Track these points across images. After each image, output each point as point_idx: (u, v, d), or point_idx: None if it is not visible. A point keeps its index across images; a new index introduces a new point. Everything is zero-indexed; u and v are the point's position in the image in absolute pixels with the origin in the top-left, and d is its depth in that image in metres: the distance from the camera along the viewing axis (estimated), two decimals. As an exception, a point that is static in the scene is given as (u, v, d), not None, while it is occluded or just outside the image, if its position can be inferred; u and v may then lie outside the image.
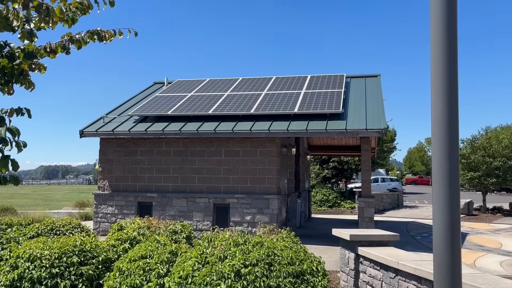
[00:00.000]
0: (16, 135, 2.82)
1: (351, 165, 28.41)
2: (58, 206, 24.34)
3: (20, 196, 33.90)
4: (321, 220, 18.76)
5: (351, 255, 6.87)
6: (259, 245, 6.41)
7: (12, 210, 17.89)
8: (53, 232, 8.73)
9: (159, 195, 12.77)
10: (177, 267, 6.30)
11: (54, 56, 3.61)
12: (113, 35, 3.90)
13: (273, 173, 12.16)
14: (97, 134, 12.96)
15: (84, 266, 6.66)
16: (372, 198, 12.10)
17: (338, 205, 24.74)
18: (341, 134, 11.49)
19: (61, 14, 3.11)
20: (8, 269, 6.56)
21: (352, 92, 14.34)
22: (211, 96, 14.27)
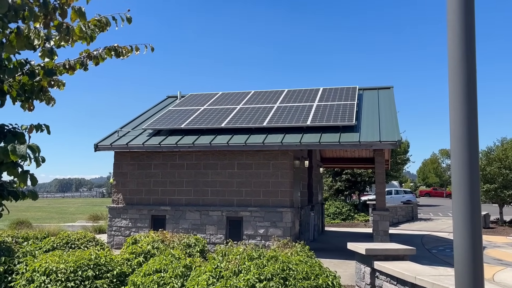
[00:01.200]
0: (36, 152, 2.87)
1: (365, 177, 28.20)
2: (72, 219, 24.52)
3: (35, 209, 34.25)
4: (334, 233, 18.59)
5: (367, 270, 6.79)
6: (273, 260, 6.37)
7: (28, 223, 18.05)
8: (68, 246, 8.78)
9: (173, 208, 12.80)
10: (191, 281, 6.28)
11: (72, 73, 3.68)
12: (130, 51, 3.96)
13: (286, 186, 12.12)
14: (112, 148, 13.09)
15: (99, 280, 6.67)
16: (387, 211, 11.97)
17: (352, 218, 24.52)
18: (354, 147, 11.43)
19: (80, 32, 3.17)
20: (24, 283, 6.60)
21: (365, 104, 14.31)
22: (223, 110, 14.34)
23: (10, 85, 3.49)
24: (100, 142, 13.37)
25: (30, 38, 2.93)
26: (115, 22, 3.52)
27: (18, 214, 25.36)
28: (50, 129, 3.49)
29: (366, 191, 32.74)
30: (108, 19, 3.49)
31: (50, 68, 3.44)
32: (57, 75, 3.65)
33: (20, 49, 3.00)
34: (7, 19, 2.89)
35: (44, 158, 3.34)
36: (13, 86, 3.47)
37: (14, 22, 3.00)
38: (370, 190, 36.39)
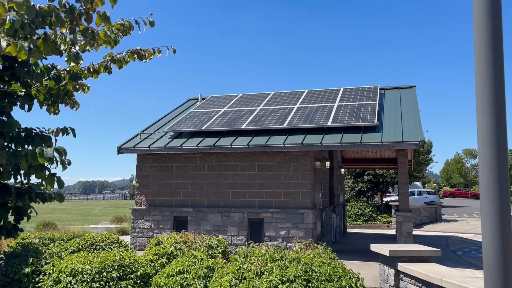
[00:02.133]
0: (63, 154, 2.93)
1: (387, 178, 27.86)
2: (96, 221, 24.94)
3: (60, 211, 34.96)
4: (356, 235, 18.41)
5: (391, 271, 6.70)
6: (296, 261, 6.35)
7: (53, 225, 18.44)
8: (93, 247, 8.93)
9: (194, 209, 12.89)
10: (214, 282, 6.31)
11: (97, 76, 3.75)
12: (152, 54, 4.01)
13: (307, 187, 12.07)
14: (134, 151, 13.27)
15: (123, 281, 6.76)
16: (410, 212, 11.80)
17: (374, 219, 24.24)
18: (376, 147, 11.31)
19: (105, 37, 3.23)
20: (51, 283, 6.74)
21: (386, 104, 14.14)
22: (244, 111, 14.38)
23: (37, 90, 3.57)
24: (123, 145, 13.56)
25: (57, 44, 3.00)
26: (138, 26, 3.58)
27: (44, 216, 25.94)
28: (75, 132, 3.57)
29: (388, 192, 32.33)
30: (131, 23, 3.55)
31: (75, 72, 3.51)
32: (82, 79, 3.72)
33: (47, 55, 3.07)
34: (35, 25, 2.97)
35: (70, 161, 3.41)
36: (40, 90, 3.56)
37: (41, 28, 3.07)
38: (393, 191, 35.92)
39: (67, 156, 3.01)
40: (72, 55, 3.19)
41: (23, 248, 8.20)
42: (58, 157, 2.92)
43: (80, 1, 3.07)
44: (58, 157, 2.92)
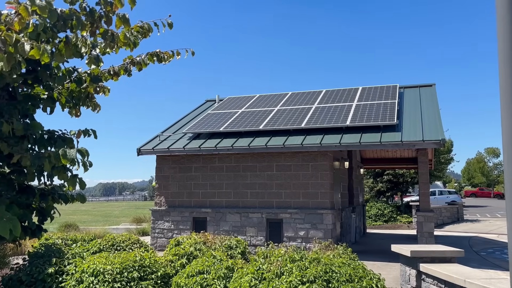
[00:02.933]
0: (86, 156, 2.97)
1: (407, 177, 27.50)
2: (116, 222, 25.26)
3: (81, 212, 35.53)
4: (376, 235, 18.22)
5: (412, 272, 6.60)
6: (316, 262, 6.31)
7: (75, 226, 18.74)
8: (114, 248, 9.04)
9: (213, 210, 12.94)
10: (234, 283, 6.32)
11: (117, 79, 3.79)
12: (171, 56, 4.04)
13: (326, 187, 12.00)
14: (154, 152, 13.40)
15: (144, 281, 6.82)
16: (432, 212, 11.62)
17: (394, 219, 23.96)
18: (396, 147, 11.17)
19: (125, 39, 3.27)
20: (74, 283, 6.84)
21: (406, 102, 13.96)
22: (261, 112, 14.38)
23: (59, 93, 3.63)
24: (143, 146, 13.71)
25: (78, 46, 3.05)
26: (156, 28, 3.61)
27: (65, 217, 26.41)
28: (96, 134, 3.62)
29: (408, 192, 31.92)
30: (150, 25, 3.58)
31: (96, 74, 3.56)
32: (103, 81, 3.77)
33: (69, 57, 3.12)
34: (57, 28, 3.02)
35: (91, 163, 3.45)
36: (62, 93, 3.62)
37: (63, 31, 3.12)
38: (413, 191, 35.46)
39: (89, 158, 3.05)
40: (92, 57, 3.24)
41: (47, 249, 8.35)
42: (80, 158, 2.97)
43: (100, 4, 3.11)
44: (80, 158, 2.97)
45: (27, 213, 3.70)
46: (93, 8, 3.12)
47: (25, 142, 3.36)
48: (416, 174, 26.88)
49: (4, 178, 3.53)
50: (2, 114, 3.24)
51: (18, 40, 2.57)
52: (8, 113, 3.27)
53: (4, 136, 3.22)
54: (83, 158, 2.97)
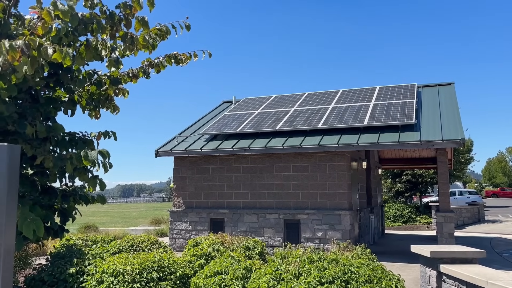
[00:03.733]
0: (107, 157, 3.02)
1: (426, 178, 27.13)
2: (135, 223, 25.53)
3: (101, 214, 36.00)
4: (395, 236, 18.02)
5: (433, 273, 6.51)
6: (334, 262, 6.28)
7: (94, 227, 19.00)
8: (133, 248, 9.13)
9: (231, 211, 12.97)
10: (252, 283, 6.32)
11: (136, 81, 3.84)
12: (188, 58, 4.07)
13: (344, 188, 11.92)
14: (172, 153, 13.50)
15: (163, 282, 6.88)
16: (452, 213, 11.44)
17: (413, 220, 23.66)
18: (415, 146, 11.04)
19: (144, 41, 3.31)
20: (94, 283, 6.94)
21: (424, 102, 13.79)
22: (277, 112, 14.37)
23: (79, 95, 3.70)
24: (161, 148, 13.83)
25: (98, 49, 3.10)
26: (174, 30, 3.64)
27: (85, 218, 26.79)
28: (116, 136, 3.67)
29: (428, 193, 31.48)
30: (168, 28, 3.62)
31: (116, 77, 3.61)
32: (122, 83, 3.82)
33: (89, 60, 3.18)
34: (78, 32, 3.07)
35: (111, 164, 3.50)
36: (83, 95, 3.68)
37: (83, 35, 3.18)
38: (432, 192, 34.96)
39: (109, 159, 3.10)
40: (112, 60, 3.29)
41: (68, 249, 8.48)
42: (101, 159, 3.02)
43: (119, 7, 3.16)
44: (101, 159, 3.02)
45: (50, 213, 3.78)
46: (113, 11, 3.17)
47: (47, 144, 3.43)
48: (435, 174, 26.51)
49: (28, 180, 3.61)
50: (26, 116, 3.32)
51: (41, 44, 2.63)
52: (31, 115, 3.35)
53: (27, 138, 3.30)
54: (104, 160, 3.02)
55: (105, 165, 3.39)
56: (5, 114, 3.04)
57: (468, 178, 59.48)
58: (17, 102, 3.41)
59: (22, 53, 2.51)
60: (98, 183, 3.68)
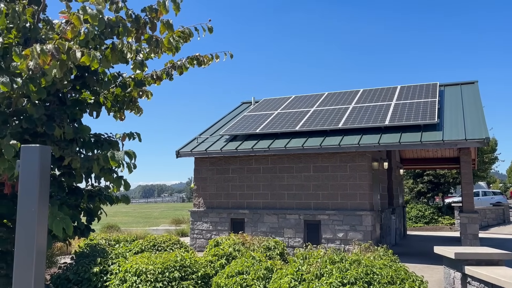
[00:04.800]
0: (133, 157, 3.07)
1: (448, 178, 26.68)
2: (156, 223, 25.80)
3: (122, 214, 36.49)
4: (417, 237, 17.78)
5: (457, 275, 6.41)
6: (356, 263, 6.23)
7: (117, 227, 19.29)
8: (155, 248, 9.24)
9: (251, 211, 13.00)
10: (273, 283, 6.33)
11: (159, 83, 3.90)
12: (210, 59, 4.11)
13: (365, 189, 11.82)
14: (192, 154, 13.61)
15: (184, 281, 6.94)
16: (476, 213, 11.23)
17: (436, 221, 23.30)
18: (437, 146, 10.87)
19: (168, 44, 3.36)
20: (118, 282, 7.04)
21: (447, 101, 13.57)
22: (297, 113, 14.34)
23: (105, 97, 3.77)
24: (181, 148, 13.96)
25: (124, 52, 3.16)
26: (197, 32, 3.68)
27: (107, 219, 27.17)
28: (140, 137, 3.73)
29: (450, 193, 30.95)
30: (191, 30, 3.66)
31: (140, 79, 3.67)
32: (146, 85, 3.88)
33: (115, 63, 3.24)
34: (104, 36, 3.14)
35: (136, 165, 3.56)
36: (108, 97, 3.75)
37: (109, 38, 3.24)
38: (455, 192, 34.36)
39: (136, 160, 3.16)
40: (137, 62, 3.34)
41: (91, 249, 8.63)
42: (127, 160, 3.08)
43: (145, 11, 3.21)
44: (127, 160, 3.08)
45: (76, 213, 3.86)
46: (138, 15, 3.23)
47: (74, 145, 3.51)
48: (458, 174, 26.05)
49: (55, 180, 3.70)
50: (54, 118, 3.40)
51: (70, 47, 2.69)
52: (59, 117, 3.43)
53: (55, 139, 3.38)
54: (131, 160, 3.08)
55: (129, 166, 3.46)
56: (34, 116, 3.13)
57: (492, 178, 58.22)
58: (45, 104, 3.50)
59: (52, 57, 2.58)
60: (123, 183, 3.75)
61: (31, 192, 1.98)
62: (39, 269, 2.08)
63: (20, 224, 1.99)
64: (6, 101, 3.19)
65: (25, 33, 3.09)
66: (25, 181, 1.99)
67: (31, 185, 1.98)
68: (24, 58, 2.64)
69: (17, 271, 2.04)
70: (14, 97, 3.09)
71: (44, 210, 2.01)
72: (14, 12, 2.85)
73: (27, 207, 1.99)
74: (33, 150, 2.02)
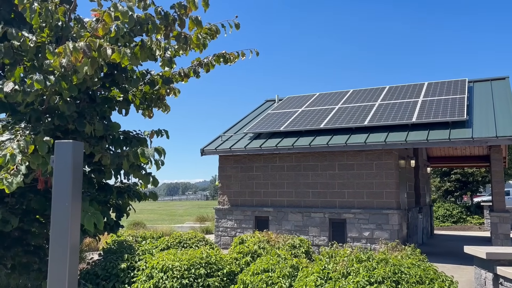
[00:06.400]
0: (162, 154, 3.10)
1: (477, 176, 26.04)
2: (181, 220, 26.07)
3: (148, 211, 37.02)
4: (445, 237, 17.42)
5: (489, 275, 6.24)
6: (383, 262, 6.14)
7: (143, 224, 19.58)
8: (180, 245, 9.32)
9: (275, 209, 12.99)
10: (299, 281, 6.30)
11: (186, 80, 3.92)
12: (236, 57, 4.11)
13: (392, 187, 11.64)
14: (216, 152, 13.68)
15: (210, 278, 6.98)
16: (507, 213, 10.92)
17: (464, 220, 22.78)
18: (467, 143, 10.61)
19: (197, 41, 3.37)
20: (145, 278, 7.13)
21: (476, 97, 13.23)
22: (322, 110, 14.23)
23: (133, 95, 3.81)
24: (206, 146, 14.05)
25: (152, 49, 3.19)
26: (224, 29, 3.68)
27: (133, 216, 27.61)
28: (168, 134, 3.76)
29: (479, 192, 30.21)
30: (218, 27, 3.66)
31: (168, 76, 3.70)
32: (174, 83, 3.90)
33: (144, 61, 3.27)
34: (133, 33, 3.17)
35: (163, 162, 3.59)
36: (136, 95, 3.79)
37: (139, 35, 3.28)
38: (484, 191, 33.51)
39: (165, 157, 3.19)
40: (166, 60, 3.37)
41: (119, 245, 8.77)
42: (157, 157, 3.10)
43: (174, 7, 3.23)
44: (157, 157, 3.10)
45: (106, 209, 3.92)
46: (167, 12, 3.25)
47: (103, 142, 3.57)
48: (487, 172, 25.39)
49: (85, 177, 3.77)
50: (84, 116, 3.47)
51: (101, 45, 2.74)
52: (89, 115, 3.50)
53: (85, 136, 3.44)
54: (160, 157, 3.11)
55: (157, 163, 3.49)
56: (66, 113, 3.20)
57: (523, 177, 56.49)
58: (76, 102, 3.57)
59: (84, 54, 2.62)
60: (151, 180, 3.78)
61: (65, 186, 2.02)
62: (73, 263, 2.11)
63: (54, 217, 2.03)
64: (39, 99, 3.27)
65: (57, 32, 3.16)
66: (59, 175, 2.03)
67: (65, 180, 2.02)
68: (57, 56, 2.70)
69: (52, 265, 2.08)
70: (47, 94, 3.16)
71: (77, 204, 2.04)
72: (47, 11, 2.92)
73: (61, 201, 2.02)
74: (67, 145, 2.06)
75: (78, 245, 2.15)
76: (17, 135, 2.82)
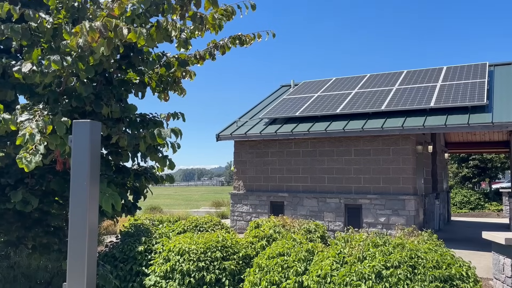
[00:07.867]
0: (179, 135, 3.10)
1: (496, 163, 25.62)
2: (197, 205, 26.32)
3: (164, 196, 37.45)
4: (462, 223, 17.24)
5: (507, 261, 6.16)
6: (400, 247, 6.11)
7: (159, 209, 19.83)
8: (197, 229, 9.42)
9: (290, 194, 12.99)
10: (314, 265, 6.31)
11: (202, 63, 3.90)
12: (252, 39, 4.06)
13: (408, 173, 11.53)
14: (232, 137, 13.69)
15: (226, 261, 7.04)
16: (527, 199, 10.74)
17: (482, 207, 22.50)
18: (486, 128, 10.41)
19: (213, 20, 3.34)
20: (162, 261, 7.24)
21: (497, 81, 12.93)
22: (338, 95, 14.09)
23: (149, 77, 3.81)
24: (221, 132, 14.07)
25: (168, 30, 3.17)
26: (239, 10, 3.64)
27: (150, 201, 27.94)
28: (184, 117, 3.76)
29: (498, 178, 29.76)
30: (234, 8, 3.62)
31: (183, 59, 3.68)
32: (189, 65, 3.89)
33: (159, 42, 3.26)
34: (149, 13, 3.15)
35: (180, 145, 3.60)
36: (152, 77, 3.79)
37: (154, 16, 3.26)
38: (503, 177, 33.00)
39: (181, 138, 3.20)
40: (182, 41, 3.35)
41: (136, 228, 8.90)
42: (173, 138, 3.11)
43: (190, -14, 3.20)
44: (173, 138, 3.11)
45: (123, 191, 3.96)
46: (183, -10, 3.22)
47: (120, 124, 3.59)
48: (506, 158, 24.96)
49: (103, 159, 3.81)
50: (102, 98, 3.49)
51: (117, 25, 2.73)
52: (106, 97, 3.51)
53: (102, 118, 3.47)
54: (176, 138, 3.11)
55: (173, 146, 3.50)
56: (83, 94, 3.22)
57: (544, 164, 55.43)
58: (92, 84, 3.59)
59: (100, 34, 2.62)
60: (168, 162, 3.80)
61: (83, 165, 2.03)
62: (91, 243, 2.14)
63: (73, 196, 2.05)
64: (56, 80, 3.29)
65: (74, 13, 3.16)
66: (77, 154, 2.04)
67: (83, 158, 2.03)
68: (74, 35, 2.71)
69: (71, 245, 2.10)
70: (64, 75, 3.18)
71: (95, 184, 2.06)
72: (63, -8, 2.92)
73: (79, 179, 2.04)
74: (84, 125, 2.07)
75: (96, 226, 2.17)
76: (35, 115, 2.85)
